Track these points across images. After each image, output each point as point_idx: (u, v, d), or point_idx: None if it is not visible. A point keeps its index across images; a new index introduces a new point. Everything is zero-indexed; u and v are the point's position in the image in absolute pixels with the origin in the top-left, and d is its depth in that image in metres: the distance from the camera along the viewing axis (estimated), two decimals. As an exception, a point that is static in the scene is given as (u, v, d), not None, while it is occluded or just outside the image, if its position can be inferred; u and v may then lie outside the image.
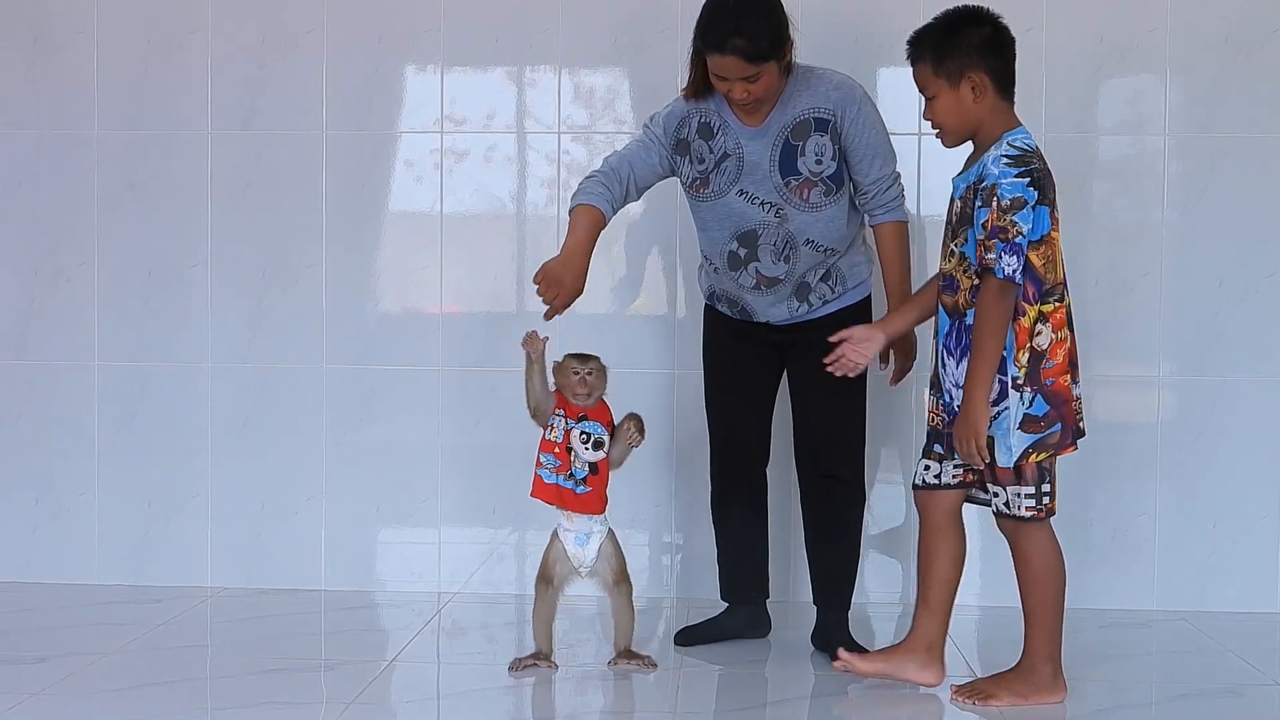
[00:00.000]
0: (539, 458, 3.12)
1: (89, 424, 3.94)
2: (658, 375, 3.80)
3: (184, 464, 3.93)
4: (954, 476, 2.96)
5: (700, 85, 3.14)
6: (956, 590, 3.02)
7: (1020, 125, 2.86)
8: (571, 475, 3.09)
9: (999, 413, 2.80)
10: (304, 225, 3.90)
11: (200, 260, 3.92)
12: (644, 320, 3.82)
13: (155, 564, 3.93)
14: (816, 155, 3.12)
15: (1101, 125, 3.79)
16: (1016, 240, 2.71)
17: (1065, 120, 3.76)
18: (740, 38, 2.94)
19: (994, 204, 2.73)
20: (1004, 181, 2.74)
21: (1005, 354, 2.78)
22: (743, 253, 3.20)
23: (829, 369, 3.05)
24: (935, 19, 2.89)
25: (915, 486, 3.03)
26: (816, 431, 3.28)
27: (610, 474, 3.13)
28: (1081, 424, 2.88)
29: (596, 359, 3.17)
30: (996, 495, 2.88)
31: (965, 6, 2.88)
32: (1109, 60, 3.76)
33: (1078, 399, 2.87)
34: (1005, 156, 2.77)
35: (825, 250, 3.17)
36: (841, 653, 3.01)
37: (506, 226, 3.91)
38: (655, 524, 3.83)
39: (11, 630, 3.49)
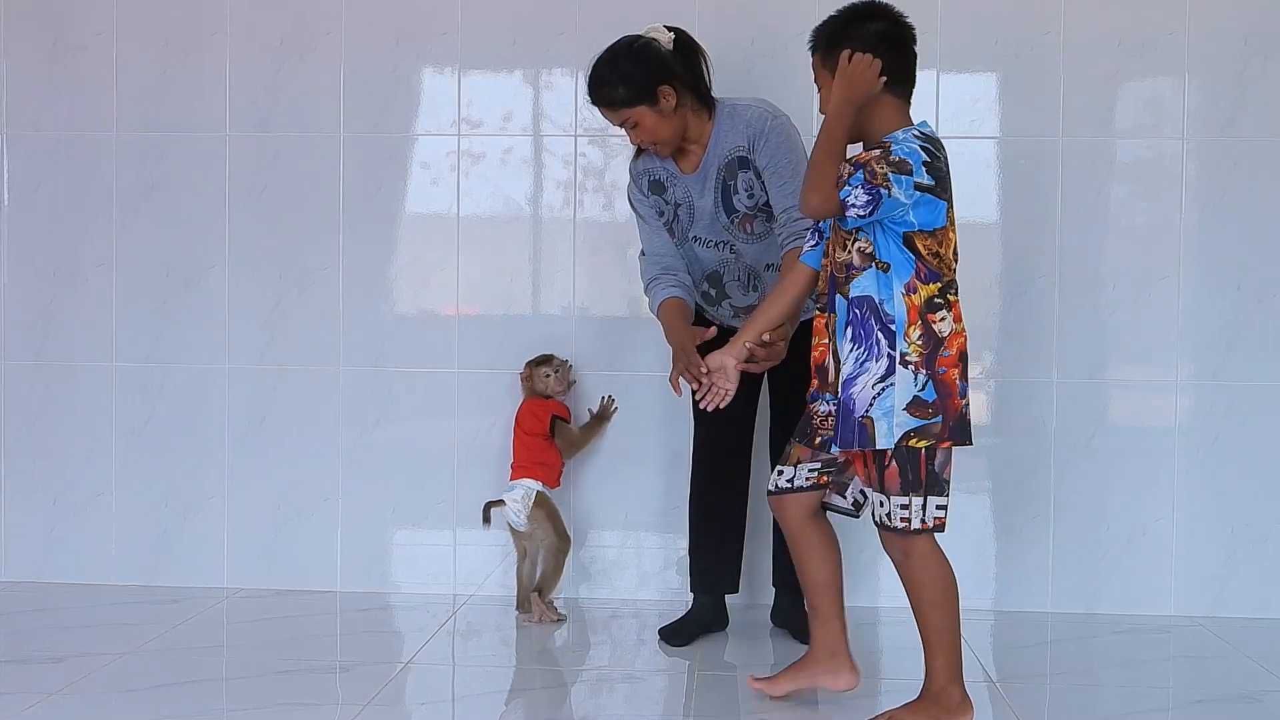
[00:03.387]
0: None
1: (106, 424, 3.96)
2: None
3: (201, 465, 3.95)
4: (807, 479, 2.89)
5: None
6: (841, 590, 2.94)
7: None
8: None
9: (883, 389, 2.69)
10: (321, 227, 3.91)
11: (218, 261, 3.93)
12: (656, 323, 3.81)
13: (172, 564, 3.94)
14: (747, 190, 3.23)
15: (1119, 128, 3.77)
16: (879, 188, 2.62)
17: (1083, 123, 3.75)
18: (602, 88, 3.17)
19: (878, 151, 2.66)
20: (904, 146, 2.66)
21: (895, 330, 2.69)
22: (713, 292, 3.38)
23: (701, 406, 3.03)
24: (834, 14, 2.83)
25: (769, 493, 2.94)
26: (791, 427, 3.35)
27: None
28: (966, 424, 2.74)
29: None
30: (881, 505, 2.75)
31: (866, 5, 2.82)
32: (1127, 63, 3.75)
33: (965, 400, 2.73)
34: (918, 133, 2.71)
35: None
36: (751, 680, 2.99)
37: (522, 229, 3.91)
38: (669, 526, 3.82)
39: (29, 630, 3.51)
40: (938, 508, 2.74)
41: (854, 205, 2.64)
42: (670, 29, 3.23)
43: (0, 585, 3.93)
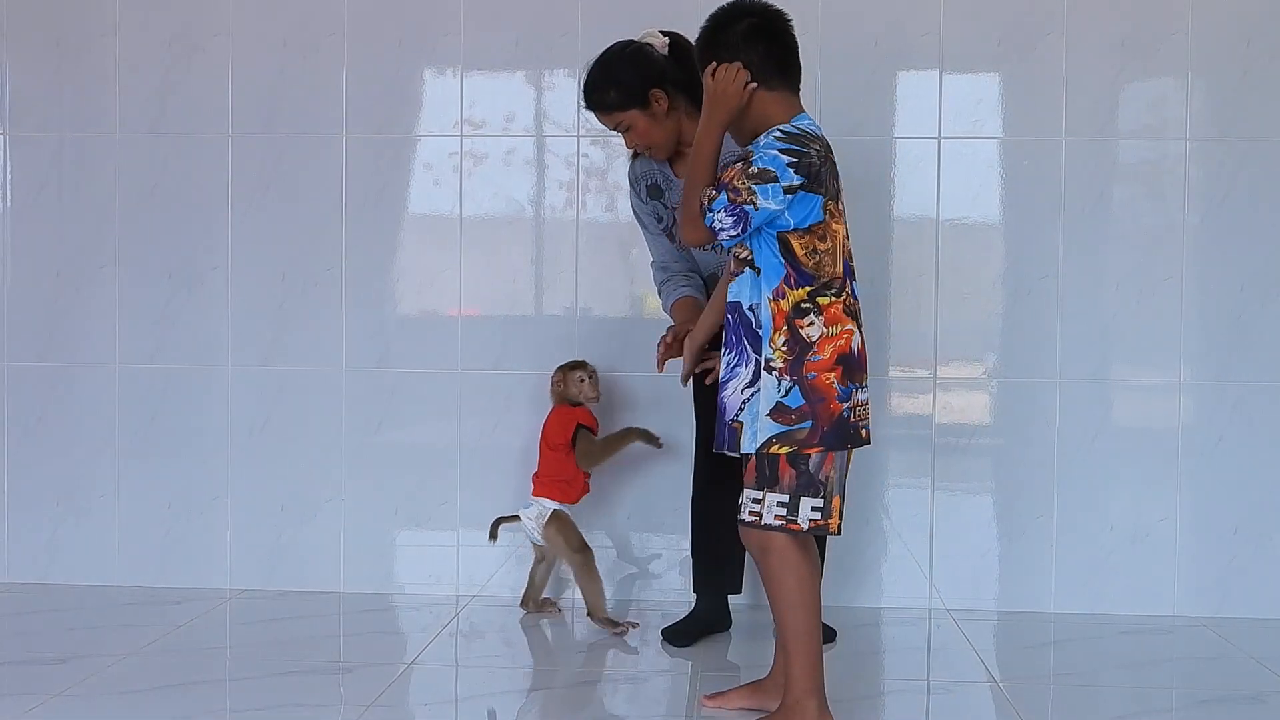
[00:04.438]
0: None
1: (110, 426, 3.96)
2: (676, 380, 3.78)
3: (204, 466, 3.95)
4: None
5: None
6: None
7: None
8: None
9: (752, 395, 2.66)
10: (324, 228, 3.91)
11: (221, 263, 3.93)
12: (665, 324, 3.81)
13: (175, 565, 3.95)
14: None
15: (1122, 129, 3.77)
16: (744, 205, 2.59)
17: (1086, 124, 3.75)
18: (595, 92, 3.25)
19: (739, 164, 2.61)
20: (764, 154, 2.60)
21: (761, 335, 2.65)
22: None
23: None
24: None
25: (740, 522, 2.82)
26: None
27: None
28: (853, 429, 2.66)
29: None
30: (739, 497, 2.71)
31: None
32: (1130, 64, 3.75)
33: (855, 404, 2.66)
34: (780, 134, 2.64)
35: None
36: (704, 699, 2.93)
37: (525, 230, 3.91)
38: (671, 526, 3.82)
39: (33, 631, 3.51)
40: (813, 509, 2.65)
41: (723, 229, 2.64)
42: (666, 33, 3.24)
43: (4, 586, 3.94)
